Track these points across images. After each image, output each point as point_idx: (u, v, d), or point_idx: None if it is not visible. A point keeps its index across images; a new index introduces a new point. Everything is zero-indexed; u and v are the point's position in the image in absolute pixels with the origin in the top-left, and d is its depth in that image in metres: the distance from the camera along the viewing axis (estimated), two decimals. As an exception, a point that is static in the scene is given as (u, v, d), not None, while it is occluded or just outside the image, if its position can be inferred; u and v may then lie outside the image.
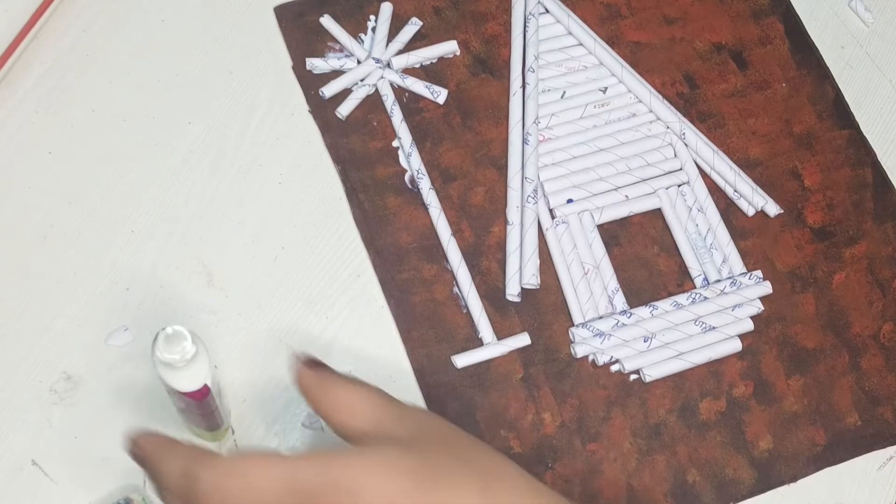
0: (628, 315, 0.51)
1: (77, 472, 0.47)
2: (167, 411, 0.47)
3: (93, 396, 0.48)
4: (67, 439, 0.47)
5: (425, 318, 0.51)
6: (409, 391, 0.50)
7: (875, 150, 0.57)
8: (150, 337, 0.49)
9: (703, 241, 0.53)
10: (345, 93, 0.54)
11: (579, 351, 0.50)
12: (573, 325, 0.51)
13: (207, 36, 0.56)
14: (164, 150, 0.53)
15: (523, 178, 0.53)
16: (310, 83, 0.55)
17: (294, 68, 0.55)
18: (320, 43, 0.55)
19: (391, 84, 0.55)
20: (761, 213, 0.54)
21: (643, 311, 0.51)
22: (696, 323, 0.51)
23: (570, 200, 0.53)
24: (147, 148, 0.53)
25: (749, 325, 0.52)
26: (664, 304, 0.52)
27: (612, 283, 0.52)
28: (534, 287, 0.51)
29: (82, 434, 0.47)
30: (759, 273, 0.53)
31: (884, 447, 0.51)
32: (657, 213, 0.54)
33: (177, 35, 0.56)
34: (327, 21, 0.56)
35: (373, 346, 0.50)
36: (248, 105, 0.54)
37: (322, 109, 0.54)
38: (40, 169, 0.52)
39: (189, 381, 0.39)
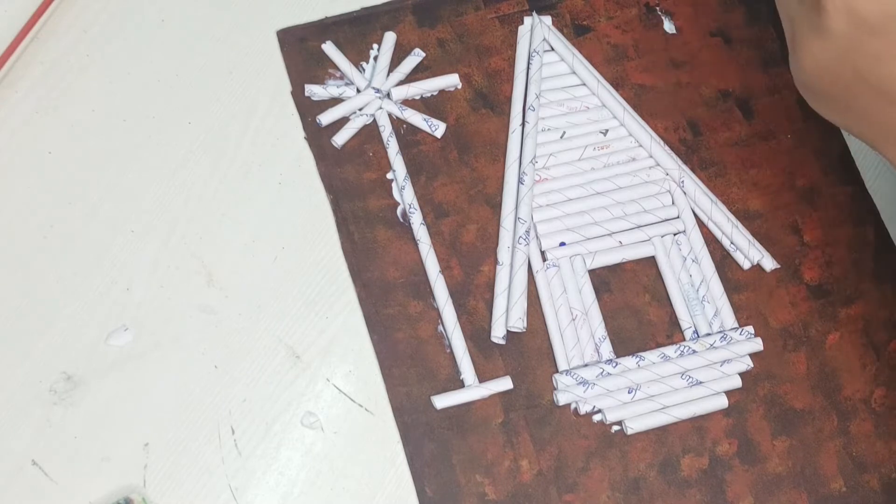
0: (614, 364, 0.50)
1: (77, 472, 0.47)
2: (167, 412, 0.48)
3: (93, 396, 0.48)
4: (67, 439, 0.48)
5: (408, 356, 0.50)
6: (387, 427, 0.49)
7: (879, 208, 0.55)
8: (150, 337, 0.49)
9: (696, 292, 0.52)
10: (342, 121, 0.54)
11: (562, 399, 0.49)
12: (557, 371, 0.50)
13: (207, 36, 0.56)
14: (164, 150, 0.53)
15: (516, 217, 0.52)
16: (307, 109, 0.54)
17: (293, 93, 0.54)
18: (321, 69, 0.55)
19: (389, 115, 0.54)
20: (757, 267, 0.53)
21: (629, 362, 0.50)
22: (683, 377, 0.50)
23: (562, 244, 0.52)
24: (147, 148, 0.53)
25: (737, 382, 0.51)
26: (651, 356, 0.51)
27: (600, 330, 0.51)
28: (520, 330, 0.50)
29: (82, 434, 0.48)
30: (750, 329, 0.52)
31: (868, 516, 0.50)
32: (651, 261, 0.53)
33: (177, 35, 0.55)
34: (329, 48, 0.55)
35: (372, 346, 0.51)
36: (248, 105, 0.54)
37: (318, 137, 0.54)
38: (40, 169, 0.52)
39: None
